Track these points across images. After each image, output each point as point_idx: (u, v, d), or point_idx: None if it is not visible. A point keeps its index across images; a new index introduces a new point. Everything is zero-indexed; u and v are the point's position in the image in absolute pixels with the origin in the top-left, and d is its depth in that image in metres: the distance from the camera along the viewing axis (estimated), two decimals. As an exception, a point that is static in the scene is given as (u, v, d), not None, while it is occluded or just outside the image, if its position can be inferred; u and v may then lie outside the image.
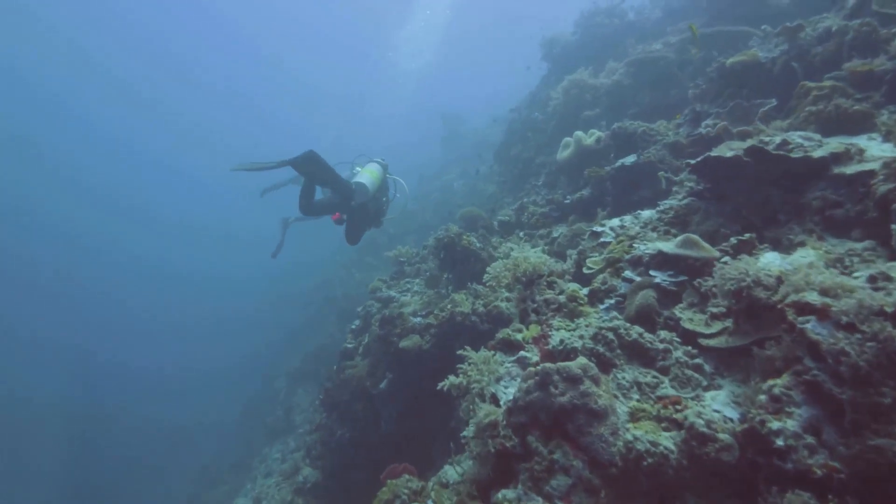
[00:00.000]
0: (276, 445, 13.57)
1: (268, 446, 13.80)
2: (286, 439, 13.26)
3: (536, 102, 10.26)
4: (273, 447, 13.65)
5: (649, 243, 2.71)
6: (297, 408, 13.85)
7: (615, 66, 8.18)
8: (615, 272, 2.75)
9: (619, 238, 2.87)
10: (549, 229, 6.05)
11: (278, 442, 13.65)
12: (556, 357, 2.19)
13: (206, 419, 22.08)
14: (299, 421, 13.34)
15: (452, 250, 5.80)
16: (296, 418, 13.54)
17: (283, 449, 12.94)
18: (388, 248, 16.06)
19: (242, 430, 16.45)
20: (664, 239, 2.70)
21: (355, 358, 7.14)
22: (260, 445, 14.12)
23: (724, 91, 4.30)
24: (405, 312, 5.69)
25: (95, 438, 23.23)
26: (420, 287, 7.50)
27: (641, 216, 3.14)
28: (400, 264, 8.09)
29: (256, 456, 13.77)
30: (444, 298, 5.99)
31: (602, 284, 2.73)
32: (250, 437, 15.10)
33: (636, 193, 4.73)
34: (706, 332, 2.03)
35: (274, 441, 13.83)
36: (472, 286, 5.53)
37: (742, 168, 2.67)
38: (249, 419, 16.42)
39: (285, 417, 13.83)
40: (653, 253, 2.64)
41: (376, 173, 6.26)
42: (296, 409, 13.81)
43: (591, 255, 3.08)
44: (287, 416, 13.84)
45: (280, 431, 13.78)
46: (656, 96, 7.11)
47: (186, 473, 16.73)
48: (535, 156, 9.39)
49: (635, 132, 5.03)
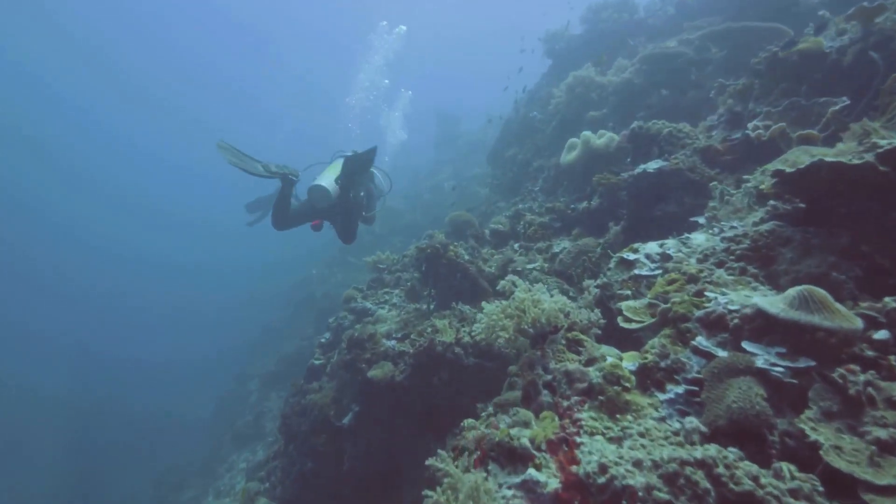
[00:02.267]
0: (244, 453, 12.53)
1: (235, 453, 12.76)
2: (255, 446, 12.24)
3: (535, 100, 9.35)
4: (241, 454, 12.62)
5: (731, 293, 1.75)
6: (268, 413, 12.81)
7: (625, 63, 7.30)
8: (678, 336, 1.81)
9: (670, 278, 1.94)
10: (548, 242, 5.13)
11: (246, 449, 12.62)
12: (593, 494, 1.27)
13: (177, 411, 21.16)
14: (269, 428, 12.32)
15: (436, 263, 4.85)
16: (266, 425, 12.52)
17: (250, 458, 11.91)
18: (373, 248, 15.11)
19: (214, 429, 15.36)
20: (744, 284, 1.77)
21: (322, 378, 6.16)
22: (228, 451, 13.05)
23: (774, 87, 3.42)
24: (378, 333, 4.72)
25: (92, 427, 22.29)
26: (400, 299, 6.54)
27: (693, 242, 2.19)
28: (379, 271, 7.11)
29: (224, 462, 12.71)
30: (424, 317, 5.05)
31: (660, 357, 1.71)
32: (220, 439, 14.00)
33: (659, 207, 3.82)
34: (875, 482, 1.11)
35: (242, 448, 12.78)
36: (458, 306, 4.59)
37: (866, 182, 1.79)
38: (221, 420, 15.32)
39: (255, 423, 12.79)
40: (748, 313, 1.65)
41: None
42: (267, 415, 12.78)
43: (622, 290, 2.16)
44: (257, 422, 12.81)
45: (249, 438, 12.74)
46: (671, 97, 6.24)
47: (154, 469, 15.63)
48: (533, 158, 8.48)
49: (659, 134, 4.12)
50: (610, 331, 2.17)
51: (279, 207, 5.45)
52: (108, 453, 19.94)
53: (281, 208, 5.47)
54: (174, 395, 23.28)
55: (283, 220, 5.52)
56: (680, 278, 1.85)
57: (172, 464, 15.02)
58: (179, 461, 15.14)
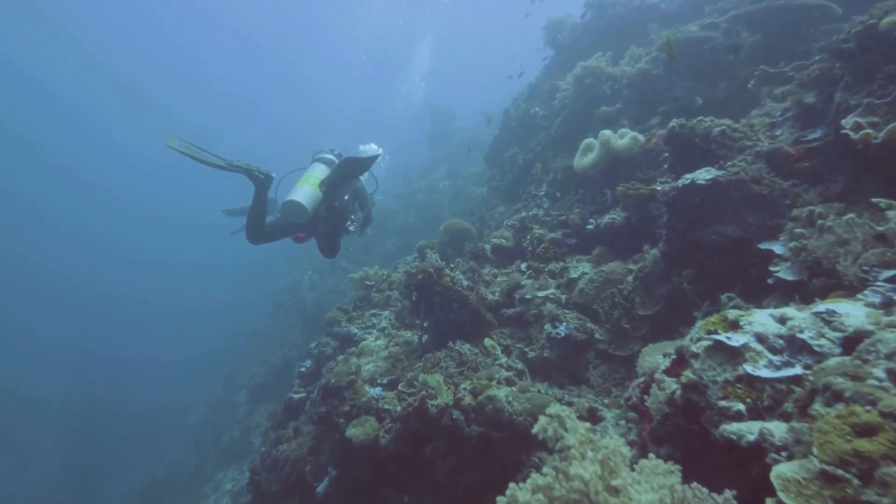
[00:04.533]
0: (230, 471, 11.65)
1: (222, 471, 11.87)
2: (242, 464, 11.35)
3: (537, 95, 8.40)
4: (227, 472, 11.74)
5: None
6: (255, 429, 11.91)
7: (639, 51, 6.37)
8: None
9: (852, 416, 1.03)
10: (562, 263, 4.22)
11: (233, 466, 11.74)
12: None
13: (168, 411, 20.35)
14: (257, 445, 11.42)
15: (428, 291, 3.93)
16: (254, 441, 11.62)
17: (237, 479, 11.03)
18: (364, 251, 14.16)
19: (202, 438, 14.45)
20: None
21: (300, 416, 5.24)
22: (214, 469, 12.15)
23: (875, 71, 2.52)
24: (359, 380, 3.80)
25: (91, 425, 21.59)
26: (389, 321, 5.62)
27: (844, 320, 1.26)
28: (366, 288, 6.18)
29: (210, 482, 11.82)
30: (415, 353, 4.14)
31: None
32: (207, 454, 13.09)
33: (713, 229, 2.92)
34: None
35: (228, 465, 11.90)
36: (456, 346, 3.68)
37: None
38: (208, 431, 14.40)
39: (242, 439, 11.90)
40: None
41: (319, 178, 4.56)
42: (254, 431, 11.88)
43: (728, 401, 1.27)
44: (244, 438, 11.92)
45: (235, 455, 11.86)
46: (699, 89, 5.31)
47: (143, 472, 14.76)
48: (535, 159, 7.55)
49: (709, 133, 3.20)
50: (694, 468, 1.23)
51: (253, 217, 4.63)
52: (102, 454, 19.07)
53: (255, 218, 4.63)
54: (166, 395, 22.59)
55: (258, 233, 4.70)
56: (874, 418, 0.97)
57: (159, 477, 14.10)
58: (167, 470, 14.24)
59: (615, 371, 3.12)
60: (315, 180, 4.44)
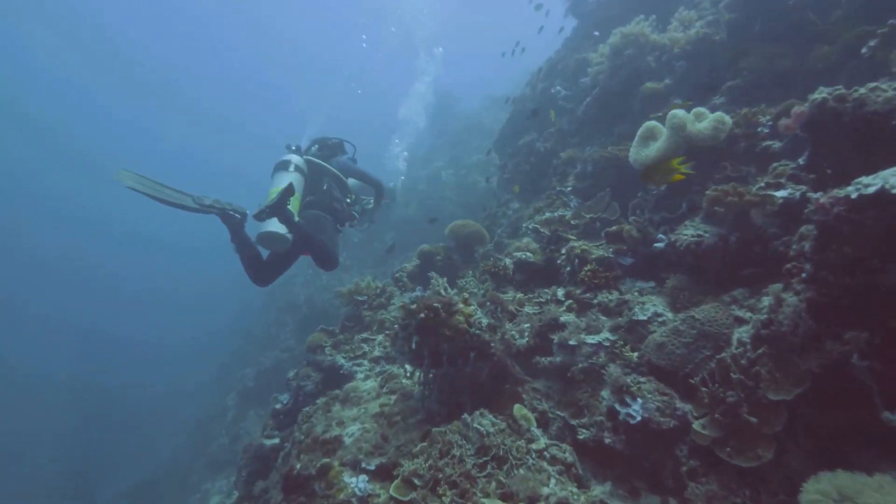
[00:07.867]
0: (218, 481, 10.66)
1: (209, 481, 10.88)
2: (230, 473, 10.34)
3: (558, 72, 7.05)
4: (215, 482, 10.75)
5: None
6: (244, 436, 10.84)
7: (691, 14, 5.04)
8: None
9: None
10: (616, 294, 3.00)
11: (221, 476, 10.74)
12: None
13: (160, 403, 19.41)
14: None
15: (434, 336, 2.72)
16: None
17: (224, 489, 10.04)
18: (362, 247, 12.92)
19: (190, 440, 13.49)
20: None
21: (271, 471, 4.10)
22: (201, 478, 11.16)
23: None
24: (335, 467, 2.62)
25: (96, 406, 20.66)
26: (382, 350, 4.43)
27: None
28: (357, 305, 4.98)
29: (197, 492, 10.84)
30: (414, 414, 2.96)
31: None
32: (194, 462, 12.09)
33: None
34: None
35: (217, 474, 10.91)
36: (474, 422, 2.49)
37: None
38: (197, 432, 13.42)
39: (230, 448, 10.88)
40: None
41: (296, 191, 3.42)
42: (243, 438, 10.82)
43: None
44: (232, 446, 10.91)
45: (223, 463, 10.87)
46: (781, 59, 4.01)
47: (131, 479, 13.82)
48: (557, 147, 6.28)
49: (893, 112, 1.94)
50: None
51: (247, 259, 3.80)
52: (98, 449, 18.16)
53: (249, 259, 3.73)
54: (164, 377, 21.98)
55: (263, 274, 3.89)
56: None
57: (147, 482, 13.15)
58: (153, 476, 13.28)
59: (731, 490, 1.93)
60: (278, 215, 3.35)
